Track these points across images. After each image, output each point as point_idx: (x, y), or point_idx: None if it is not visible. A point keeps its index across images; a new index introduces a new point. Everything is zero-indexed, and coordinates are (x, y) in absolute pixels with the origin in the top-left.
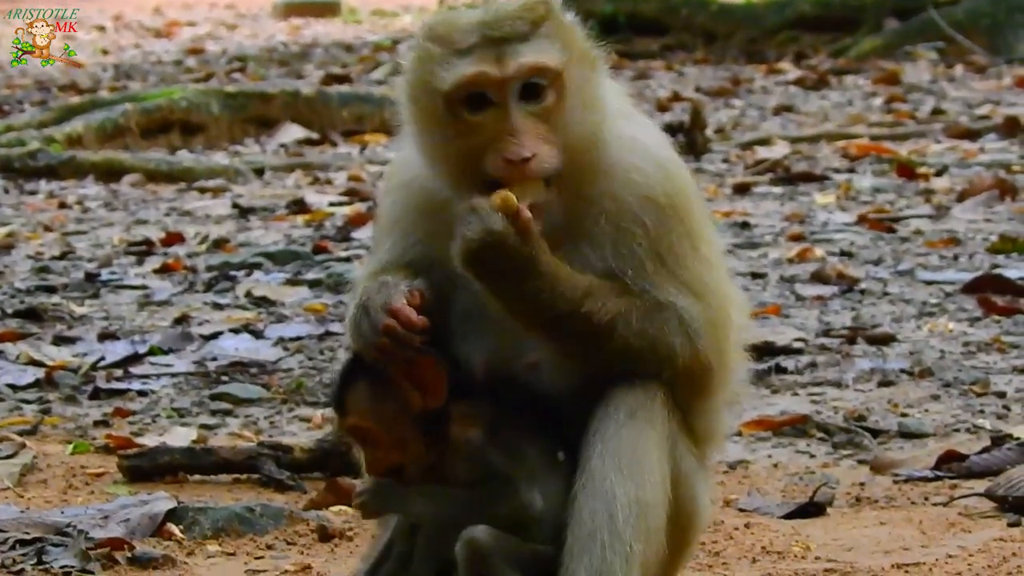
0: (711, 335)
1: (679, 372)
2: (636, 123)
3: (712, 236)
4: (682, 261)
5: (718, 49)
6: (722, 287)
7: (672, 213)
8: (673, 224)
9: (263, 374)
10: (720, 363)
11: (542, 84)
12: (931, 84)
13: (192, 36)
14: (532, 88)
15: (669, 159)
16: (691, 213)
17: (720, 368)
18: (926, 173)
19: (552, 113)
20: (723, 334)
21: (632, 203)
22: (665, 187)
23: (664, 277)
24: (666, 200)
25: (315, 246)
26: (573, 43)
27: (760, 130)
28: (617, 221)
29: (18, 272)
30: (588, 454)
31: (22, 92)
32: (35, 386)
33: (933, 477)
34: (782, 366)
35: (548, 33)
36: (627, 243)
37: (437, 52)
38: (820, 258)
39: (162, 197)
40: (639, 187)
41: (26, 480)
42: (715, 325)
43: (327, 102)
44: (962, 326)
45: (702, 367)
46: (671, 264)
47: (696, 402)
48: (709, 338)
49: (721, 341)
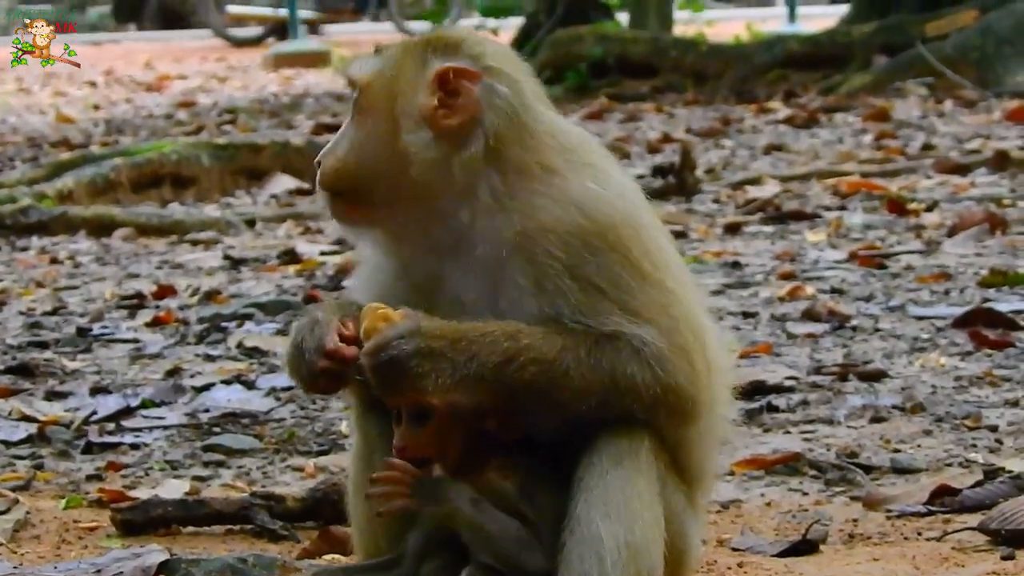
0: (676, 358)
1: (653, 403)
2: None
3: (670, 264)
4: (626, 289)
5: (708, 89)
6: (684, 311)
7: (593, 241)
8: (595, 252)
9: (255, 424)
10: (695, 387)
11: (356, 96)
12: (921, 119)
13: (183, 89)
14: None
15: (592, 192)
16: (627, 239)
17: (696, 392)
18: (916, 209)
19: (357, 127)
20: (691, 357)
21: (536, 234)
22: (577, 217)
23: (605, 308)
24: (578, 228)
25: (307, 295)
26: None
27: (750, 169)
28: (529, 256)
29: (10, 328)
30: (575, 502)
31: (13, 149)
32: (28, 441)
33: (926, 512)
34: (774, 404)
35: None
36: (546, 276)
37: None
38: (811, 296)
39: (154, 251)
40: (541, 219)
41: (19, 536)
42: (681, 347)
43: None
44: (954, 360)
45: (675, 393)
46: (612, 294)
47: (679, 434)
48: (674, 362)
49: (693, 364)
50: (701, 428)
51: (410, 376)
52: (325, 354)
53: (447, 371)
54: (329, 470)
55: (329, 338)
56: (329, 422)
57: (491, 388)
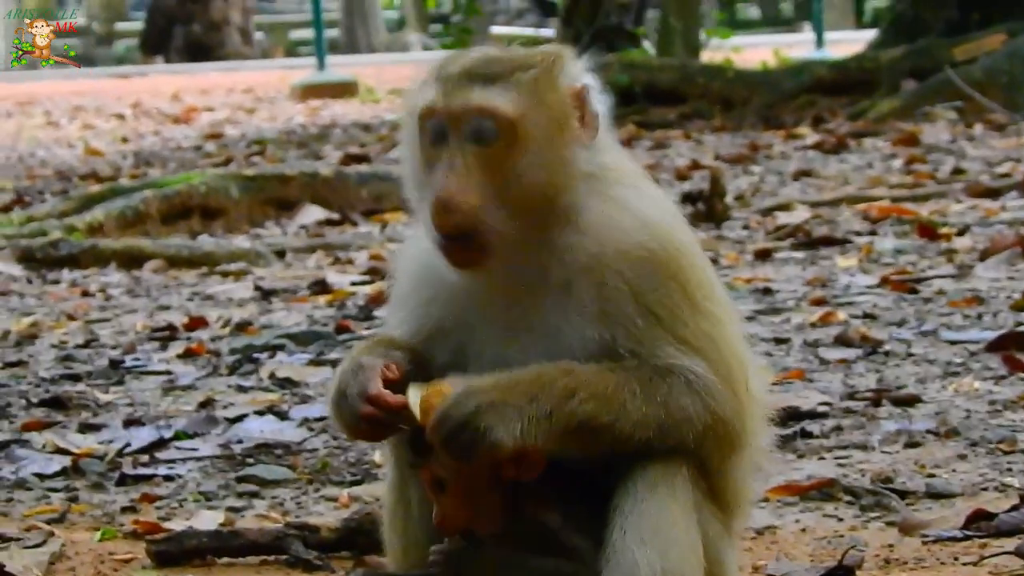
0: (725, 390)
1: (703, 434)
2: (629, 185)
3: (717, 294)
4: (679, 317)
5: (735, 116)
6: (730, 342)
7: (659, 268)
8: (662, 280)
9: (288, 455)
10: (740, 418)
11: (490, 128)
12: (950, 144)
13: (211, 121)
14: (481, 131)
15: (657, 217)
16: (684, 270)
17: (741, 423)
18: (947, 233)
19: (498, 160)
20: (737, 388)
21: (609, 258)
22: (648, 242)
23: (660, 336)
24: (649, 254)
25: (337, 326)
26: (550, 99)
27: (780, 195)
28: (599, 279)
29: (42, 361)
30: (610, 529)
31: (43, 182)
32: (62, 474)
33: (962, 537)
34: (807, 430)
35: (522, 82)
36: (612, 301)
37: (425, 79)
38: (843, 321)
39: (184, 282)
40: (616, 242)
41: (55, 568)
42: (728, 380)
43: (346, 182)
44: (987, 385)
45: (723, 424)
46: (667, 321)
47: (724, 464)
48: (723, 394)
49: (738, 395)
50: (741, 457)
51: (480, 434)
52: (368, 400)
53: (514, 418)
54: (363, 500)
55: (373, 384)
56: (362, 452)
57: (556, 428)
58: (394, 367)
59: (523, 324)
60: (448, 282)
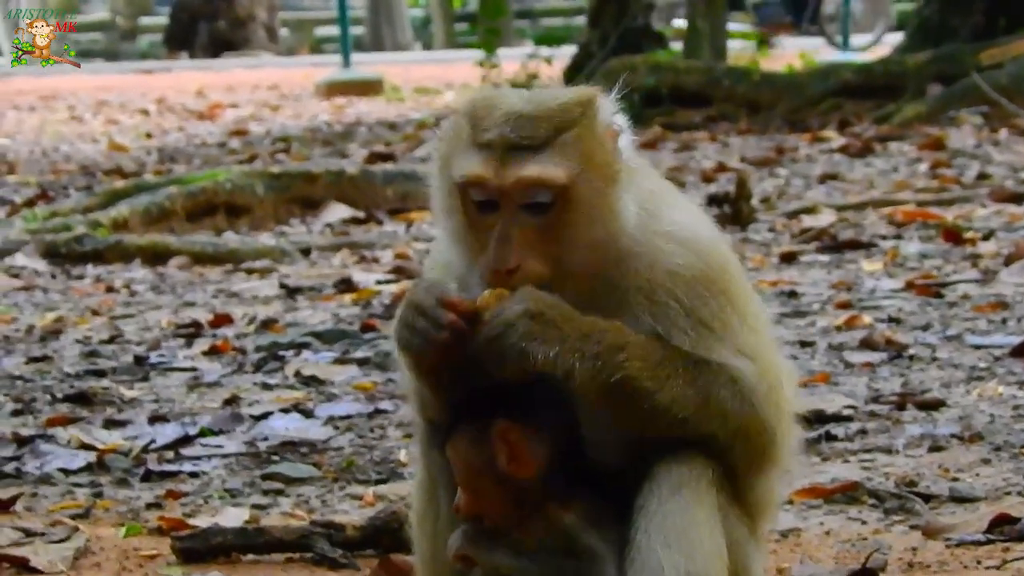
0: (766, 395)
1: (735, 433)
2: (668, 203)
3: (758, 309)
4: (730, 328)
5: (761, 119)
6: (773, 354)
7: (709, 285)
8: (712, 295)
9: (314, 453)
10: (777, 427)
11: (544, 198)
12: (976, 148)
13: (235, 118)
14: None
15: (702, 233)
16: (732, 285)
17: (776, 432)
18: (973, 238)
19: (554, 225)
20: (778, 395)
21: (662, 279)
22: (696, 261)
23: (712, 342)
24: (699, 273)
25: (363, 324)
26: (595, 153)
27: (805, 199)
28: (650, 297)
29: (67, 357)
30: (634, 530)
31: (67, 177)
32: (87, 470)
33: (986, 541)
34: (832, 433)
35: (568, 142)
36: (664, 315)
37: (463, 135)
38: (868, 325)
39: (209, 279)
40: (666, 264)
41: (79, 563)
42: (770, 386)
43: (371, 180)
44: (1011, 389)
45: (758, 428)
46: (718, 331)
47: (755, 471)
48: (765, 397)
49: (778, 403)
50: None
51: (520, 338)
52: (447, 305)
53: (555, 342)
54: (388, 498)
55: (447, 292)
56: (388, 451)
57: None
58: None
59: None
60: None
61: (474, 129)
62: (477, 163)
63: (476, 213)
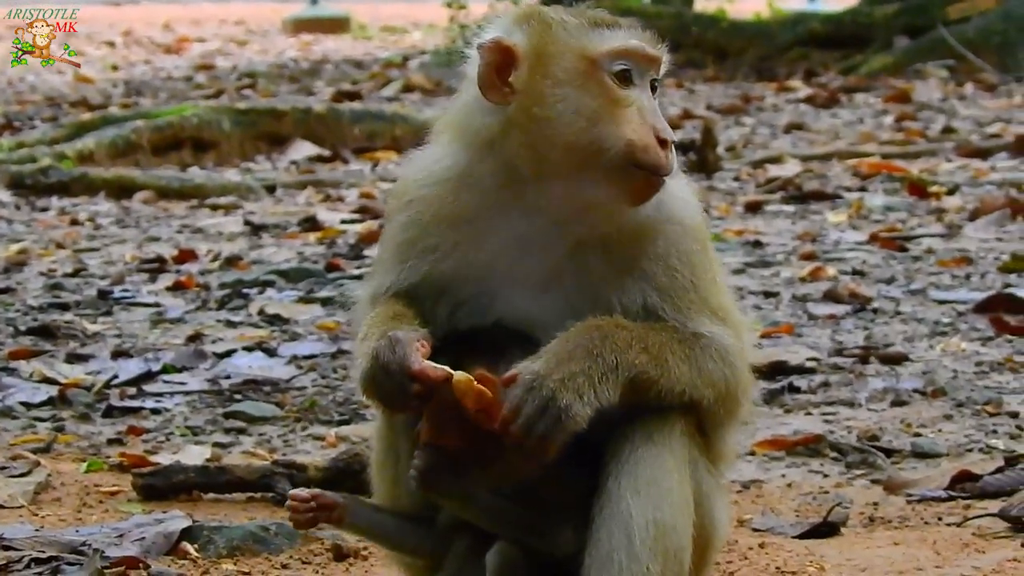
0: (740, 358)
1: (721, 396)
2: None
3: (719, 266)
4: (710, 288)
5: (729, 66)
6: (737, 311)
7: (698, 241)
8: (700, 250)
9: (276, 392)
10: (748, 382)
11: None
12: (942, 102)
13: (202, 52)
14: (656, 79)
15: (687, 190)
16: (708, 242)
17: (748, 387)
18: (937, 192)
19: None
20: (746, 354)
21: (661, 225)
22: (692, 215)
23: (698, 306)
24: (693, 226)
25: (327, 264)
26: None
27: (771, 148)
28: (666, 258)
29: (31, 289)
30: (604, 477)
31: (33, 108)
32: (49, 404)
33: (946, 497)
34: (795, 386)
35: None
36: (672, 278)
37: (579, 22)
38: (832, 277)
39: (174, 214)
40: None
41: (40, 498)
42: (742, 346)
43: (338, 119)
44: (974, 346)
45: (737, 387)
46: (703, 292)
47: (725, 425)
48: (740, 361)
49: (746, 360)
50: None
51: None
52: (412, 376)
53: (584, 384)
54: (350, 440)
55: (414, 359)
56: (350, 392)
57: (623, 378)
58: (424, 343)
59: (556, 280)
60: (471, 228)
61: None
62: (629, 36)
63: (614, 90)
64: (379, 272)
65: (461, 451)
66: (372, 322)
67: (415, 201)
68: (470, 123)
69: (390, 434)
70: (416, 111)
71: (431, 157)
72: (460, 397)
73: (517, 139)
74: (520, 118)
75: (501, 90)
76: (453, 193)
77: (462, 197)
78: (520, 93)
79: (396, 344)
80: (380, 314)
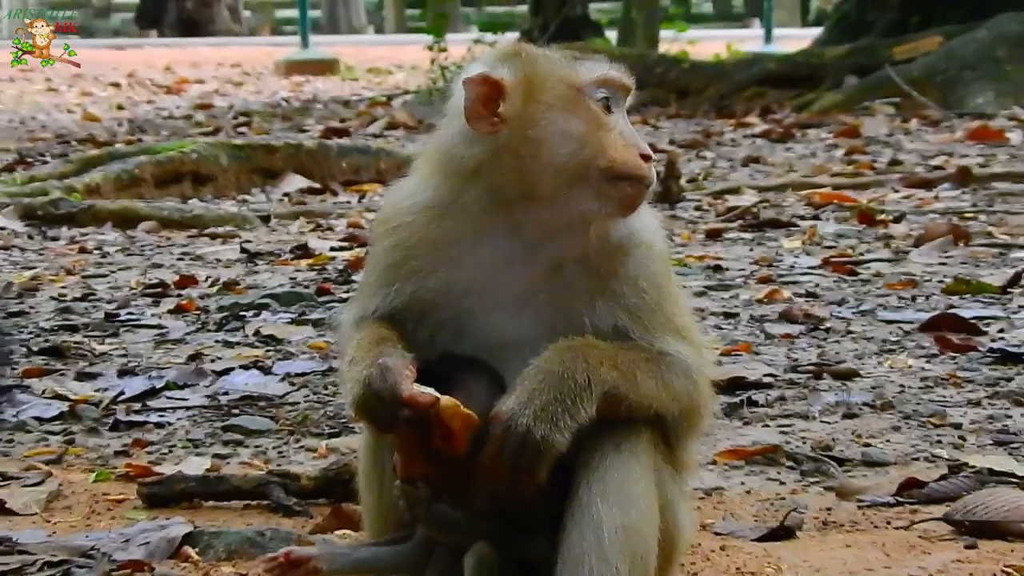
0: (702, 375)
1: (685, 411)
2: None
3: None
4: (674, 309)
5: (690, 104)
6: (697, 331)
7: (663, 264)
8: (666, 276)
9: (271, 407)
10: (710, 397)
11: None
12: (889, 137)
13: (201, 93)
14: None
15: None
16: (672, 275)
17: (710, 402)
18: (885, 220)
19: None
20: (708, 372)
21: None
22: (658, 240)
23: (663, 326)
24: (661, 251)
25: (318, 288)
26: None
27: (730, 180)
28: (635, 280)
29: (43, 313)
30: (576, 485)
31: (44, 145)
32: (59, 419)
33: (895, 503)
34: (753, 399)
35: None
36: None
37: (561, 56)
38: (787, 299)
39: (175, 243)
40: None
41: (52, 506)
42: (703, 363)
43: (327, 154)
44: (920, 362)
45: (700, 403)
46: (668, 313)
47: (688, 437)
48: (702, 377)
49: (707, 377)
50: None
51: (538, 448)
52: (403, 402)
53: (560, 412)
54: (340, 451)
55: (404, 386)
56: (340, 406)
57: (596, 394)
58: (412, 369)
59: (533, 300)
60: (453, 250)
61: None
62: (609, 67)
63: (602, 112)
64: (364, 295)
65: (428, 479)
66: (359, 346)
67: (400, 227)
68: (454, 153)
69: (377, 448)
70: (399, 146)
71: (416, 186)
72: (447, 420)
73: (508, 163)
74: (513, 143)
75: (489, 120)
76: (437, 219)
77: (445, 223)
78: (513, 120)
79: (387, 372)
80: (366, 337)
